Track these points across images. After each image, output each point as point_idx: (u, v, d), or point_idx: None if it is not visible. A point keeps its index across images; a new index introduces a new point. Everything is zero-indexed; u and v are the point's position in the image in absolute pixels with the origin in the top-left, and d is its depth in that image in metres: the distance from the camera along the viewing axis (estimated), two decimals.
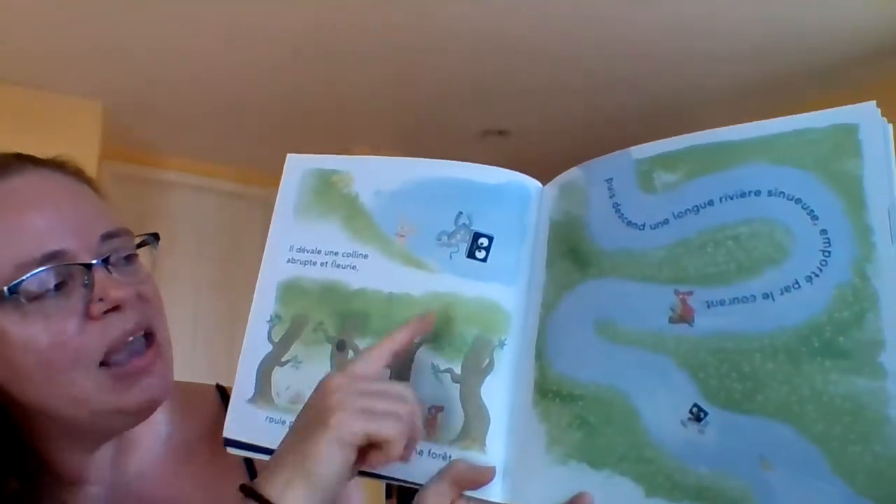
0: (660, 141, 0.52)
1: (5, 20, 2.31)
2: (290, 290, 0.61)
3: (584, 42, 2.50)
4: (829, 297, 0.43)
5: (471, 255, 0.56)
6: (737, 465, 0.44)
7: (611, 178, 0.54)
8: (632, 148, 0.53)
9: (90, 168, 0.64)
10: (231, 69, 2.68)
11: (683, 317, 0.48)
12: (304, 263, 0.61)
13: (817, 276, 0.44)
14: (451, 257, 0.57)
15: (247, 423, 0.58)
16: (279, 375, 0.59)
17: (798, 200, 0.46)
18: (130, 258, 0.59)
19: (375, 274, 0.58)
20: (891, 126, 0.45)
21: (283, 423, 0.57)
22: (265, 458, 0.57)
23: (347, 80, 2.79)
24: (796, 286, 0.44)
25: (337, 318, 0.58)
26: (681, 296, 0.48)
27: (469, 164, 0.59)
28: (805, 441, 0.42)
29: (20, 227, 0.54)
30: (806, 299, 0.44)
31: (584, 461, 0.49)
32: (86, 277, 0.54)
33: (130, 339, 0.56)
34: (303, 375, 0.58)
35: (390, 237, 0.59)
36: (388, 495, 3.26)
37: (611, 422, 0.49)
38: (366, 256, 0.59)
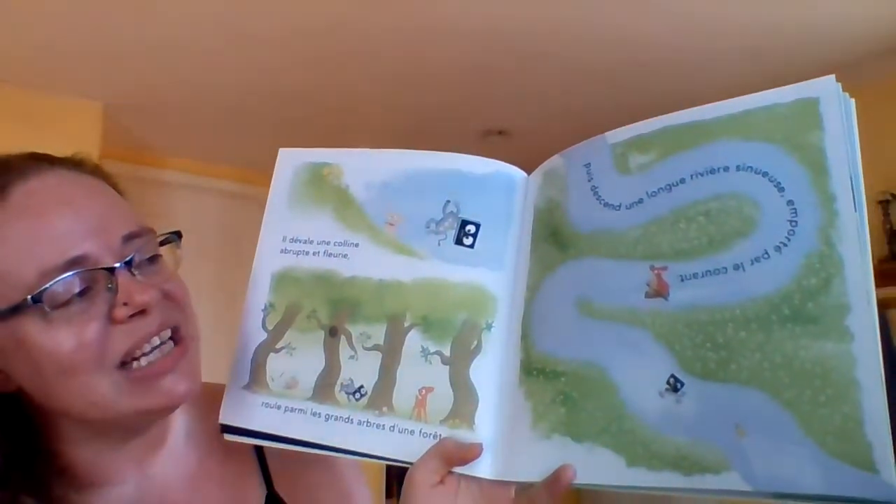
0: (634, 124, 0.54)
1: (5, 20, 2.31)
2: (283, 280, 0.62)
3: (584, 42, 2.50)
4: (797, 266, 0.45)
5: (458, 241, 0.58)
6: (713, 432, 0.45)
7: (589, 163, 0.55)
8: (608, 132, 0.55)
9: None
10: (231, 69, 2.69)
11: (659, 291, 0.49)
12: (297, 253, 0.62)
13: (785, 245, 0.45)
14: (439, 244, 0.58)
15: (242, 408, 0.60)
16: (274, 362, 0.60)
17: (765, 174, 0.47)
18: (154, 258, 0.58)
19: (366, 262, 0.60)
20: (853, 101, 0.46)
21: (279, 407, 0.59)
22: (261, 442, 0.59)
23: (347, 81, 2.79)
24: (765, 256, 0.46)
25: (329, 306, 0.60)
26: (656, 271, 0.49)
27: (456, 154, 0.60)
28: (777, 406, 0.43)
29: (41, 232, 0.53)
30: (775, 269, 0.45)
31: (567, 435, 0.50)
32: (109, 282, 0.53)
33: (157, 340, 0.55)
34: (297, 361, 0.59)
35: (380, 226, 0.61)
36: (389, 495, 3.26)
37: (591, 396, 0.50)
38: (357, 245, 0.61)
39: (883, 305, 2.66)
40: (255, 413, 0.59)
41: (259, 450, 0.67)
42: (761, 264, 0.46)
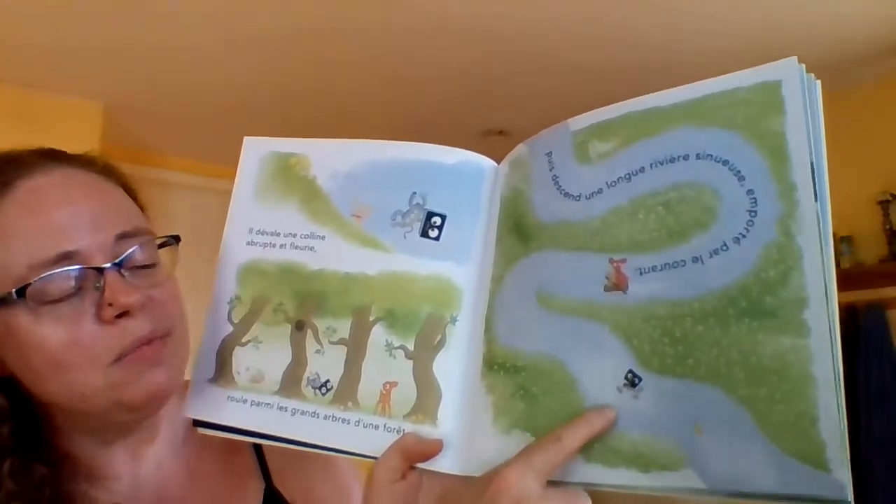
0: (595, 111, 0.52)
1: (5, 20, 2.31)
2: (249, 273, 0.62)
3: (583, 42, 2.50)
4: (755, 258, 0.43)
5: (424, 234, 0.57)
6: (670, 429, 0.44)
7: (550, 152, 0.54)
8: (570, 119, 0.54)
9: None
10: (231, 69, 2.69)
11: (617, 285, 0.48)
12: (264, 246, 0.62)
13: (744, 237, 0.44)
14: (405, 237, 0.58)
15: (208, 402, 0.59)
16: (240, 355, 0.60)
17: (725, 162, 0.46)
18: (148, 261, 0.58)
19: (333, 255, 0.59)
20: (818, 82, 0.44)
21: (245, 401, 0.58)
22: (231, 436, 0.59)
23: (347, 81, 2.79)
24: (724, 248, 0.44)
25: (296, 299, 0.59)
26: (615, 264, 0.48)
27: (423, 144, 0.59)
28: (733, 403, 0.42)
29: (37, 227, 0.54)
30: (734, 261, 0.44)
31: (526, 430, 0.49)
32: (97, 281, 0.54)
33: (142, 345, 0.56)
34: (263, 355, 0.59)
35: (347, 218, 0.60)
36: None
37: (550, 391, 0.49)
38: (323, 238, 0.60)
39: (883, 306, 2.66)
40: (221, 407, 0.59)
41: (257, 445, 0.68)
42: (720, 256, 0.44)
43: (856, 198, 2.68)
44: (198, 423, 0.60)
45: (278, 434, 0.57)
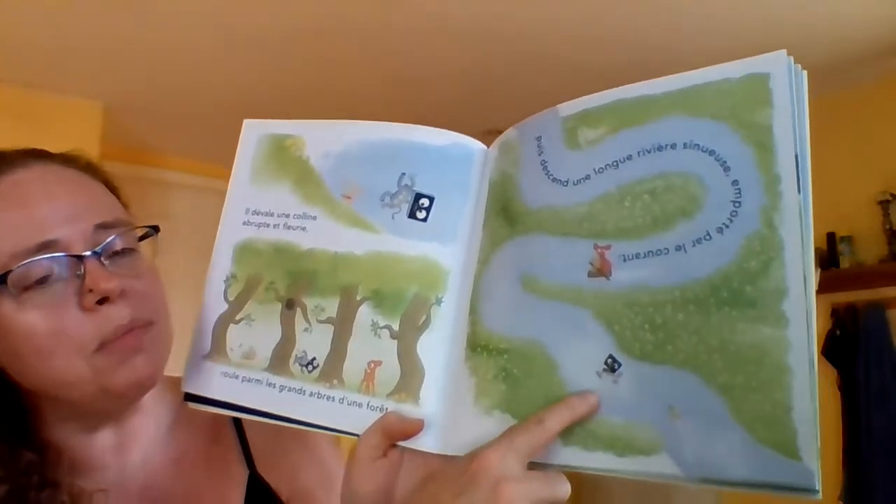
0: (585, 97, 0.53)
1: (5, 20, 2.31)
2: (245, 252, 0.63)
3: (583, 42, 2.50)
4: (738, 248, 0.44)
5: (412, 215, 0.58)
6: (647, 414, 0.45)
7: (540, 136, 0.54)
8: (560, 105, 0.54)
9: None
10: (231, 69, 2.69)
11: (601, 271, 0.48)
12: (259, 226, 0.62)
13: (727, 227, 0.44)
14: (393, 217, 0.58)
15: (203, 378, 0.61)
16: (233, 332, 0.61)
17: (712, 152, 0.46)
18: (128, 251, 0.60)
19: (323, 235, 0.60)
20: (804, 73, 0.45)
21: (237, 377, 0.59)
22: (221, 411, 0.60)
23: (347, 81, 2.79)
24: (707, 238, 0.45)
25: (287, 278, 0.60)
26: (599, 250, 0.49)
27: (414, 126, 0.60)
28: (710, 390, 0.43)
29: (19, 219, 0.56)
30: (716, 250, 0.44)
31: (507, 412, 0.50)
32: (78, 269, 0.55)
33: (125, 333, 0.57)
34: (255, 332, 0.60)
35: (337, 199, 0.60)
36: None
37: (532, 374, 0.50)
38: (314, 218, 0.61)
39: (883, 305, 2.66)
40: (214, 382, 0.60)
41: (240, 432, 0.69)
42: (703, 246, 0.45)
43: (856, 198, 2.67)
44: (189, 398, 0.61)
45: (265, 409, 0.58)
